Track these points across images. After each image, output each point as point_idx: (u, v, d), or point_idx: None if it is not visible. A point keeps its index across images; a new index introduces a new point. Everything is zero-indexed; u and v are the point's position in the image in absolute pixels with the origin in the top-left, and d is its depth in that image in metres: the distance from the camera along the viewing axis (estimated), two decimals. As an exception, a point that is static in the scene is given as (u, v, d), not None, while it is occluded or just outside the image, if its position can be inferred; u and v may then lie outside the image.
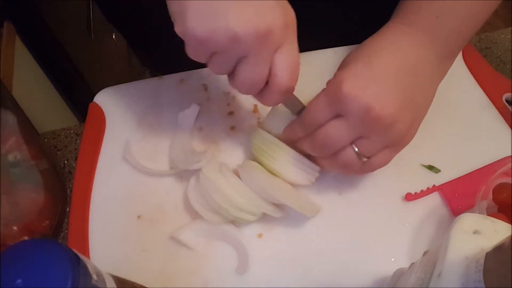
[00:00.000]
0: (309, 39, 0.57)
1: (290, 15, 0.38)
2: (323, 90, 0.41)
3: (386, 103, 0.38)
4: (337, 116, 0.40)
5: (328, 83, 0.41)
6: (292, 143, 0.46)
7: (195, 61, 0.42)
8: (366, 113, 0.37)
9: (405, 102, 0.39)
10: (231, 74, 0.39)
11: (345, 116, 0.39)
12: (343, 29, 0.59)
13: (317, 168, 0.47)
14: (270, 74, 0.38)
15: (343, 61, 0.44)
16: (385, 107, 0.38)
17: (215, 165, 0.47)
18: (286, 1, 0.38)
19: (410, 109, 0.40)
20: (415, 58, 0.41)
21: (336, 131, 0.40)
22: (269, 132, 0.47)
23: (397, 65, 0.40)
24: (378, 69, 0.40)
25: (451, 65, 0.46)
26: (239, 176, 0.46)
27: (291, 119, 0.46)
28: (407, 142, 0.42)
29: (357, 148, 0.40)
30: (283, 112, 0.47)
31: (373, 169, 0.42)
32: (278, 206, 0.45)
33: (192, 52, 0.38)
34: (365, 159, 0.41)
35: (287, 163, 0.45)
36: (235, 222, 0.45)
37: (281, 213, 0.44)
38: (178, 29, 0.36)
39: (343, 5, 0.58)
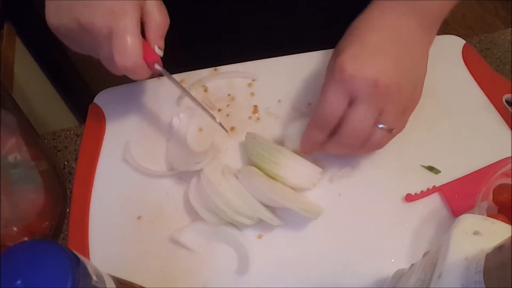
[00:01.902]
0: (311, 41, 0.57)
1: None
2: (327, 83, 0.42)
3: (389, 73, 0.40)
4: (351, 104, 0.41)
5: (329, 72, 0.42)
6: (311, 152, 0.46)
7: (194, 56, 0.43)
8: (375, 86, 0.39)
9: (405, 68, 0.42)
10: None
11: (358, 99, 0.40)
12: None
13: (319, 170, 0.47)
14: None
15: (336, 49, 0.45)
16: (389, 76, 0.40)
17: (217, 166, 0.47)
18: None
19: (411, 73, 0.43)
20: (403, 29, 0.44)
21: (359, 120, 0.41)
22: (293, 149, 0.47)
23: (389, 38, 0.43)
24: (373, 46, 0.42)
25: (435, 33, 0.48)
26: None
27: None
28: (417, 102, 0.45)
29: (383, 124, 0.42)
30: (296, 126, 0.48)
31: (394, 135, 0.45)
32: (277, 213, 0.45)
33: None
34: (394, 131, 0.43)
35: (289, 167, 0.45)
36: (234, 223, 0.45)
37: (279, 222, 0.44)
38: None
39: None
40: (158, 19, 0.44)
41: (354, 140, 0.42)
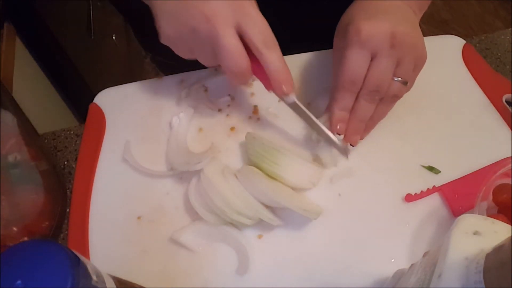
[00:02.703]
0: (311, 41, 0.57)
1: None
2: (348, 47, 0.44)
3: (402, 25, 0.44)
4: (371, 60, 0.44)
5: (339, 40, 0.46)
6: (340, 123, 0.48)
7: None
8: (394, 37, 0.43)
9: (412, 25, 0.46)
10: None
11: (378, 54, 0.43)
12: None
13: (320, 169, 0.47)
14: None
15: (343, 22, 0.48)
16: (404, 28, 0.44)
17: (217, 166, 0.47)
18: None
19: (418, 30, 0.47)
20: (401, 5, 0.48)
21: (381, 72, 0.44)
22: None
23: (389, 4, 0.47)
24: (381, 7, 0.46)
25: (421, 14, 0.52)
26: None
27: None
28: (424, 61, 0.47)
29: (400, 77, 0.45)
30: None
31: (408, 90, 0.48)
32: (277, 214, 0.45)
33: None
34: (408, 84, 0.46)
35: (289, 167, 0.45)
36: (234, 223, 0.45)
37: (279, 222, 0.44)
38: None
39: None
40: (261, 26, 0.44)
41: (377, 93, 0.45)
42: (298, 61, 0.59)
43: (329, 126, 0.48)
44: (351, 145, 0.49)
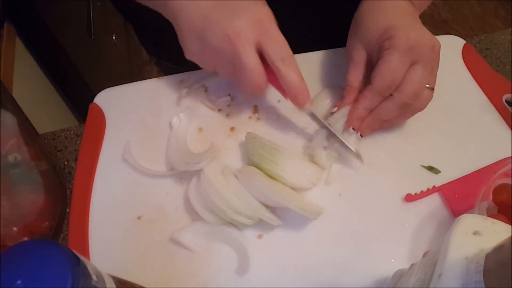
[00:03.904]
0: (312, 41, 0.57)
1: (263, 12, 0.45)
2: (391, 51, 0.45)
3: (434, 38, 0.46)
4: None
5: (387, 40, 0.46)
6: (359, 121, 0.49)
7: None
8: (433, 51, 0.46)
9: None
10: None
11: (419, 62, 0.45)
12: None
13: (319, 169, 0.47)
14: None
15: (373, 26, 0.49)
16: (435, 41, 0.46)
17: (217, 166, 0.47)
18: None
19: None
20: (406, 6, 0.50)
21: (418, 81, 0.46)
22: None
23: (407, 9, 0.49)
24: (411, 17, 0.48)
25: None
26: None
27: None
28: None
29: (430, 85, 0.47)
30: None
31: (432, 96, 0.49)
32: (277, 213, 0.45)
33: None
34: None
35: (289, 167, 0.45)
36: (234, 223, 0.45)
37: (279, 222, 0.44)
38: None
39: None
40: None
41: (412, 98, 0.46)
42: (297, 61, 0.59)
43: (348, 120, 0.49)
44: (360, 135, 0.50)
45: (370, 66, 0.49)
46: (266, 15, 0.45)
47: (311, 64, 0.58)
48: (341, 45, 0.59)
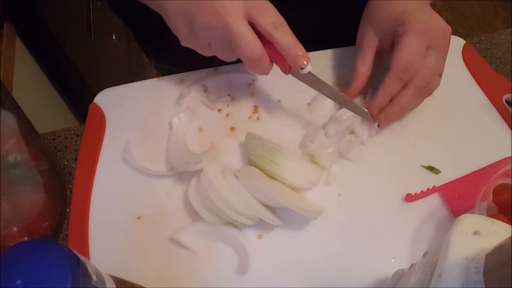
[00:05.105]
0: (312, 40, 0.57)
1: None
2: (405, 35, 0.46)
3: (446, 24, 0.47)
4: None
5: (401, 25, 0.47)
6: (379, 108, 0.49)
7: (200, 54, 0.44)
8: (445, 35, 0.47)
9: None
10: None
11: (433, 48, 0.46)
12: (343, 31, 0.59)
13: (319, 169, 0.47)
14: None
15: (385, 12, 0.49)
16: (447, 26, 0.47)
17: (217, 166, 0.47)
18: None
19: None
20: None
21: (434, 66, 0.46)
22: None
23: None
24: (419, 2, 0.48)
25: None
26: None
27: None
28: None
29: (439, 71, 0.48)
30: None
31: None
32: (277, 213, 0.45)
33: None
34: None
35: (289, 167, 0.45)
36: (234, 223, 0.45)
37: (279, 222, 0.44)
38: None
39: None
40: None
41: (428, 82, 0.47)
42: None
43: (369, 108, 0.49)
44: (378, 126, 0.50)
45: (380, 54, 0.49)
46: None
47: (313, 64, 0.58)
48: (343, 45, 0.60)
